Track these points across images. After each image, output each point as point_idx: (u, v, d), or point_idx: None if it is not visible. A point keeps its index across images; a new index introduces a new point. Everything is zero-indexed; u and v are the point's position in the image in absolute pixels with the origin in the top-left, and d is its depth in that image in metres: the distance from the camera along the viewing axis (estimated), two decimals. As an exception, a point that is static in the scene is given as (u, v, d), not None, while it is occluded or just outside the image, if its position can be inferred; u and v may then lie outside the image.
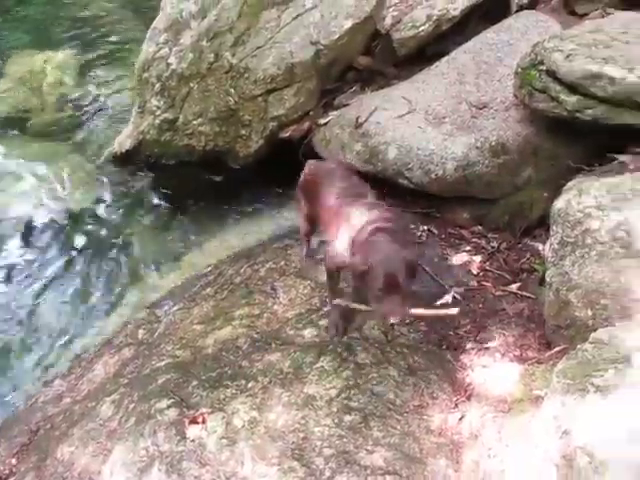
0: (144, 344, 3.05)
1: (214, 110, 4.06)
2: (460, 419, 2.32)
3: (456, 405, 2.40)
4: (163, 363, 2.71)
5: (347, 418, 2.18)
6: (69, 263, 4.00)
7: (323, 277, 2.84)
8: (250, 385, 2.37)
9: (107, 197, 4.51)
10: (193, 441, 2.16)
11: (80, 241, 4.19)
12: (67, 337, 3.52)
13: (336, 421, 2.17)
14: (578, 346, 2.16)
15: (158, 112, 4.16)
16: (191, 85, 4.08)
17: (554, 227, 2.57)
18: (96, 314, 3.69)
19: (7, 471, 2.47)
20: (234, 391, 2.35)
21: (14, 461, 2.51)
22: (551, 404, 2.00)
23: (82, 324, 3.61)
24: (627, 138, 2.98)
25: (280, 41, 4.02)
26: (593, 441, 1.70)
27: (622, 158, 2.88)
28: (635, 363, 1.90)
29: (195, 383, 2.43)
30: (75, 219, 4.34)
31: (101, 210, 4.43)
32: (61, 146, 5.07)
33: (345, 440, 2.09)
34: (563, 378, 2.05)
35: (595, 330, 2.18)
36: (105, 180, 4.61)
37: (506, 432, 2.18)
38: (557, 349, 2.51)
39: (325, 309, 2.80)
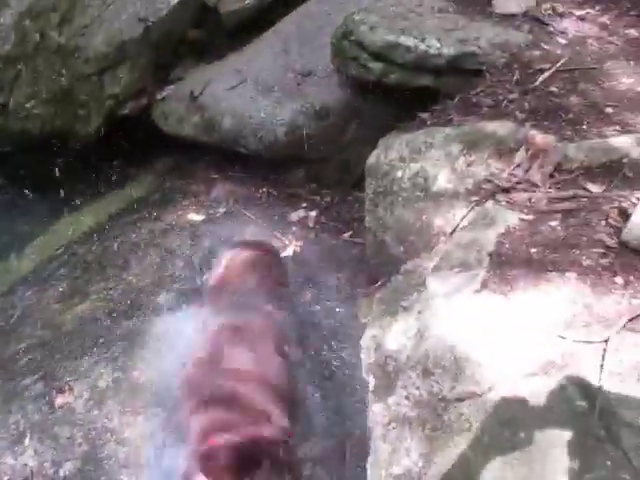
0: (1, 331, 3.10)
1: (47, 91, 4.03)
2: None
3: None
4: (24, 345, 2.81)
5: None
6: None
7: (173, 245, 3.08)
8: (112, 350, 2.58)
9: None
10: (62, 407, 2.34)
11: None
12: None
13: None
14: (392, 277, 2.60)
15: (-14, 96, 4.05)
16: (19, 67, 4.00)
17: (368, 179, 2.98)
18: None
19: None
20: (97, 358, 2.55)
21: None
22: (372, 327, 2.42)
23: None
24: (428, 97, 3.46)
25: (108, 19, 4.06)
26: (398, 347, 2.13)
27: (423, 116, 3.35)
28: (429, 285, 2.36)
29: (58, 357, 2.59)
30: None
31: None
32: None
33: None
34: (380, 304, 2.48)
35: (405, 263, 2.64)
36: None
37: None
38: (379, 283, 2.95)
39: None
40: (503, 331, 1.90)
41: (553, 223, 2.29)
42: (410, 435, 1.90)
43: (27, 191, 4.25)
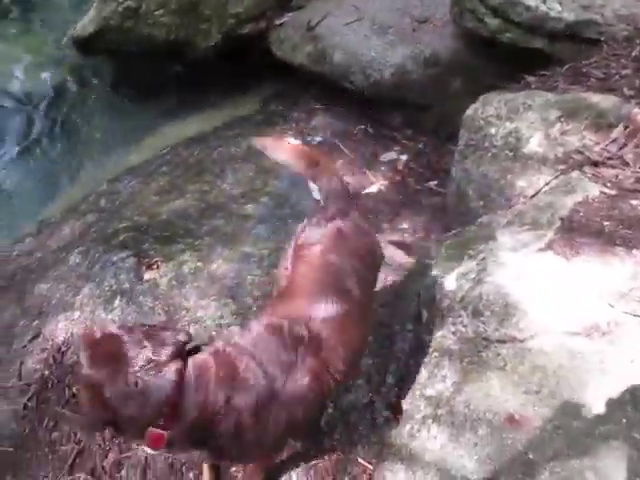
0: (106, 211, 3.47)
1: (176, 2, 4.28)
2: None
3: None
4: (123, 225, 3.13)
5: (274, 271, 2.71)
6: (32, 142, 4.32)
7: (267, 163, 3.30)
8: (197, 243, 2.87)
9: (69, 80, 4.76)
10: (148, 281, 2.66)
11: (41, 121, 4.48)
12: (33, 205, 3.93)
13: (265, 272, 2.69)
14: (466, 228, 2.72)
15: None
16: (154, -26, 4.27)
17: (462, 131, 3.05)
18: (59, 187, 4.07)
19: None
20: (183, 247, 2.84)
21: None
22: (435, 268, 2.56)
23: (47, 194, 4.00)
24: (538, 61, 3.43)
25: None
26: (455, 287, 2.26)
27: (529, 79, 3.34)
28: (498, 238, 2.45)
29: (151, 240, 2.90)
30: (35, 100, 4.60)
31: (62, 93, 4.70)
32: (22, 26, 5.19)
33: (269, 287, 2.62)
34: (449, 249, 2.61)
35: (482, 216, 2.74)
36: (66, 63, 4.83)
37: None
38: (453, 232, 3.06)
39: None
40: (557, 290, 1.99)
41: (634, 202, 2.31)
42: (448, 365, 2.06)
43: (143, 93, 4.58)
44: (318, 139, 3.77)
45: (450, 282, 2.34)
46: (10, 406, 2.40)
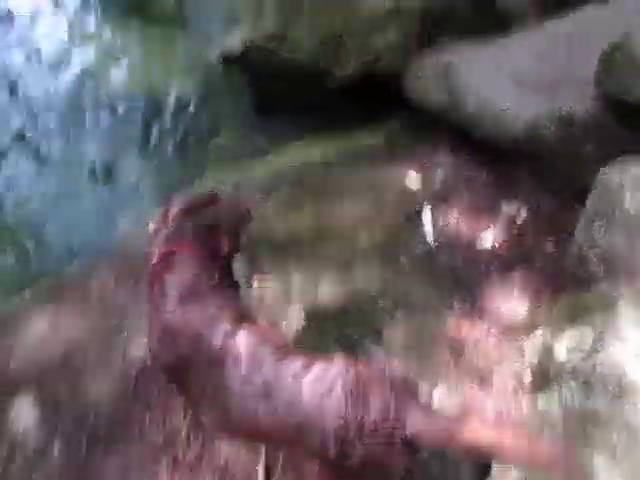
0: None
1: (322, 33, 4.45)
2: (469, 330, 2.82)
3: (470, 318, 2.90)
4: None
5: (380, 302, 2.74)
6: (163, 145, 4.62)
7: (386, 194, 3.36)
8: (308, 265, 2.95)
9: (210, 91, 5.07)
10: (255, 293, 2.76)
11: (173, 125, 4.80)
12: (159, 201, 4.17)
13: (372, 301, 2.71)
14: (584, 291, 2.62)
15: (270, 23, 4.57)
16: (304, 3, 4.47)
17: (592, 194, 2.95)
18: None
19: (107, 287, 3.15)
20: (295, 266, 2.94)
21: (112, 282, 3.19)
22: (545, 328, 2.48)
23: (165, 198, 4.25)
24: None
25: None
26: (565, 353, 2.18)
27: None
28: (621, 311, 2.33)
29: (264, 254, 3.01)
30: (173, 108, 4.92)
31: (200, 104, 4.99)
32: (176, 35, 5.58)
33: (375, 317, 2.63)
34: (562, 309, 2.52)
35: (602, 282, 2.63)
36: (210, 75, 5.14)
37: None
38: (568, 294, 2.94)
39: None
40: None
41: None
42: (548, 434, 1.98)
43: (276, 113, 4.78)
44: (438, 179, 3.76)
45: (560, 347, 2.26)
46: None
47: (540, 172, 3.85)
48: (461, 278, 3.17)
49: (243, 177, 4.06)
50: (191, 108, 4.86)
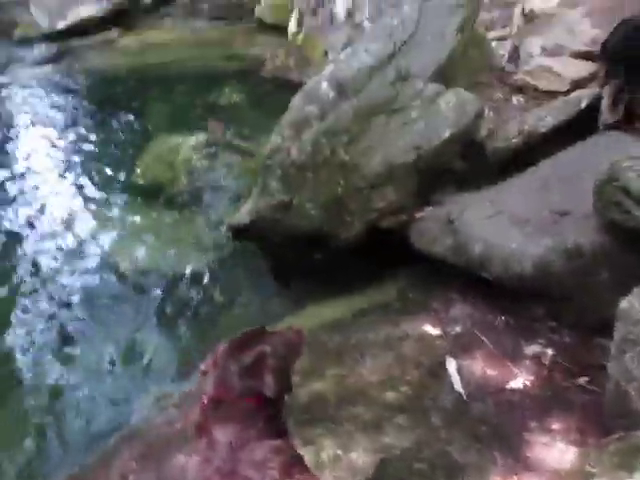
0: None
1: (324, 198, 4.68)
2: (519, 485, 2.63)
3: (516, 473, 2.71)
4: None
5: (416, 466, 2.56)
6: (178, 315, 4.69)
7: (407, 351, 3.30)
8: (337, 429, 2.82)
9: (222, 262, 5.23)
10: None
11: (190, 296, 4.90)
12: (177, 378, 4.14)
13: (407, 467, 2.55)
14: (632, 433, 2.46)
15: (277, 194, 4.82)
16: (307, 174, 4.74)
17: (618, 324, 2.89)
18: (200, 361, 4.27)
19: (129, 471, 3.01)
20: (323, 431, 2.80)
21: (135, 464, 3.05)
22: (599, 478, 2.30)
23: (189, 366, 4.21)
24: None
25: (386, 144, 4.65)
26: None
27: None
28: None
29: (291, 422, 2.89)
30: (189, 276, 5.06)
31: (214, 272, 5.14)
32: (188, 215, 5.89)
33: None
34: (614, 457, 2.36)
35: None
36: (221, 248, 5.35)
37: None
38: (614, 436, 2.77)
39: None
40: None
41: None
42: None
43: (288, 277, 4.90)
44: (457, 329, 3.72)
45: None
46: None
47: (556, 308, 3.83)
48: (498, 427, 3.01)
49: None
50: (206, 281, 4.98)
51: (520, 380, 3.36)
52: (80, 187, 6.42)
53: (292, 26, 9.34)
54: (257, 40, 9.86)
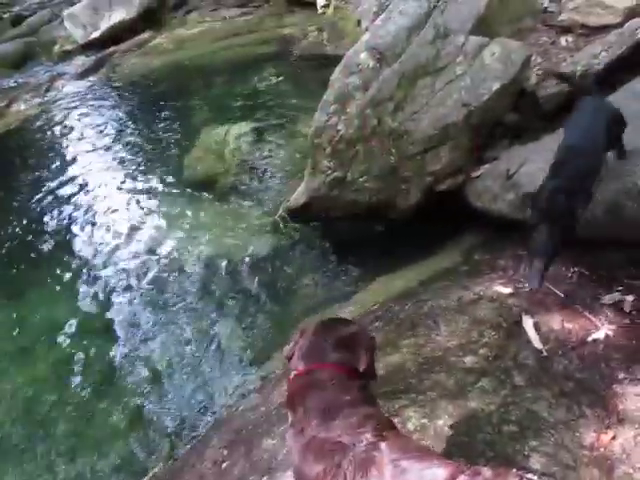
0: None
1: (377, 168, 4.64)
2: (612, 438, 2.55)
3: (608, 427, 2.63)
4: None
5: (505, 428, 2.53)
6: (248, 298, 4.75)
7: (481, 313, 3.24)
8: (420, 398, 2.81)
9: (283, 246, 5.24)
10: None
11: (256, 283, 4.94)
12: (255, 364, 4.21)
13: (496, 430, 2.52)
14: None
15: (329, 172, 4.81)
16: (357, 148, 4.71)
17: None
18: (275, 345, 4.34)
19: (221, 458, 3.11)
20: (406, 402, 2.80)
21: (225, 452, 3.14)
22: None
23: (265, 351, 4.28)
24: None
25: (435, 105, 4.55)
26: None
27: None
28: None
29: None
30: (252, 264, 5.11)
31: (277, 256, 5.16)
32: (243, 203, 5.94)
33: (504, 446, 2.43)
34: None
35: None
36: (281, 231, 5.37)
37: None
38: None
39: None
40: None
41: None
42: None
43: (350, 252, 4.88)
44: (529, 287, 3.62)
45: None
46: None
47: (634, 254, 3.66)
48: (584, 381, 2.93)
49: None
50: (270, 267, 5.02)
51: (602, 331, 3.25)
52: (137, 189, 6.55)
53: (321, 0, 9.21)
54: (287, 20, 9.80)
